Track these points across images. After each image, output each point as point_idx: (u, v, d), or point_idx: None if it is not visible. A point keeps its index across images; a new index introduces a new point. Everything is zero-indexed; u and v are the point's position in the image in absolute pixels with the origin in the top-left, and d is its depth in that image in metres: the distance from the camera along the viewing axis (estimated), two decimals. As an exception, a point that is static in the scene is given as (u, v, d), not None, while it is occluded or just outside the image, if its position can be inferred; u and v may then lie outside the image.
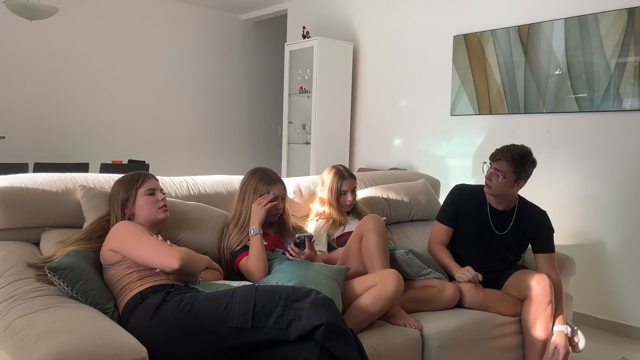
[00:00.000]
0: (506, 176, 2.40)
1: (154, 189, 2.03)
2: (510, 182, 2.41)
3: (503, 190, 2.44)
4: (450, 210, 2.60)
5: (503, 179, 2.40)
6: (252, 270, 2.07)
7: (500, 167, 2.40)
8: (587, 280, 3.53)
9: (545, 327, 2.33)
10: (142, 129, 6.14)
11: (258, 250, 2.10)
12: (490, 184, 2.44)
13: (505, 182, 2.41)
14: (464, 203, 2.57)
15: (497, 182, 2.42)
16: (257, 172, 2.32)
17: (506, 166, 2.39)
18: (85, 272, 1.78)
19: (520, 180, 2.42)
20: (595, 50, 3.51)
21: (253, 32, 7.00)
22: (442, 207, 2.68)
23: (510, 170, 2.39)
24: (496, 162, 2.43)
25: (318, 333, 1.54)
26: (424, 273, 2.37)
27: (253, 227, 2.15)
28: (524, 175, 2.42)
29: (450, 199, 2.63)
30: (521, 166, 2.39)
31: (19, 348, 1.43)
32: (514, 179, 2.41)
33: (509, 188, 2.43)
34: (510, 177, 2.40)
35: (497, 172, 2.41)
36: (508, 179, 2.40)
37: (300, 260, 2.08)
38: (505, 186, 2.42)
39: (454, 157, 4.43)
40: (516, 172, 2.39)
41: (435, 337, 2.11)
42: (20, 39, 5.34)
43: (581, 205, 3.64)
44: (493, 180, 2.43)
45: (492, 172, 2.43)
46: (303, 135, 5.37)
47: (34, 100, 5.45)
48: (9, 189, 1.98)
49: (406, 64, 4.79)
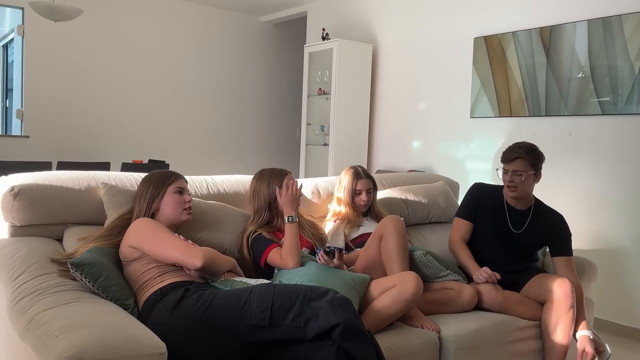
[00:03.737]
0: (526, 172, 2.42)
1: (183, 188, 2.05)
2: (531, 178, 2.44)
3: (528, 188, 2.47)
4: (471, 205, 2.61)
5: (525, 176, 2.42)
6: (288, 257, 2.09)
7: (518, 166, 2.42)
8: (609, 286, 3.47)
9: (566, 332, 2.29)
10: (162, 129, 6.21)
11: (294, 237, 2.14)
12: (516, 185, 2.44)
13: (527, 178, 2.43)
14: (483, 200, 2.59)
15: (521, 181, 2.43)
16: (264, 172, 2.38)
17: (524, 163, 2.41)
18: (106, 268, 1.80)
19: (538, 172, 2.46)
20: (619, 53, 3.45)
21: (273, 34, 7.03)
22: (462, 203, 2.68)
23: (528, 165, 2.41)
24: (511, 162, 2.43)
25: (335, 333, 1.54)
26: (442, 275, 2.36)
27: (291, 215, 2.19)
28: (540, 167, 2.45)
29: (470, 194, 2.65)
30: (536, 157, 2.43)
31: (41, 341, 1.45)
32: (533, 173, 2.44)
33: (532, 184, 2.46)
34: (530, 171, 2.42)
35: (516, 173, 2.41)
36: (529, 174, 2.42)
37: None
38: (529, 183, 2.45)
39: (474, 160, 4.39)
40: (534, 165, 2.42)
41: (453, 340, 2.10)
42: (45, 41, 5.44)
43: (603, 209, 3.58)
44: (516, 180, 2.42)
45: (512, 174, 2.42)
46: (321, 136, 5.37)
47: (57, 101, 5.55)
48: (33, 186, 2.02)
49: (426, 66, 4.76)
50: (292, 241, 2.13)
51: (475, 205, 2.59)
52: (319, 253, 2.09)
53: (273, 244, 2.18)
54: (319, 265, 2.08)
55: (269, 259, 2.16)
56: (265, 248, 2.17)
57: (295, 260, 2.08)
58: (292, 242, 2.13)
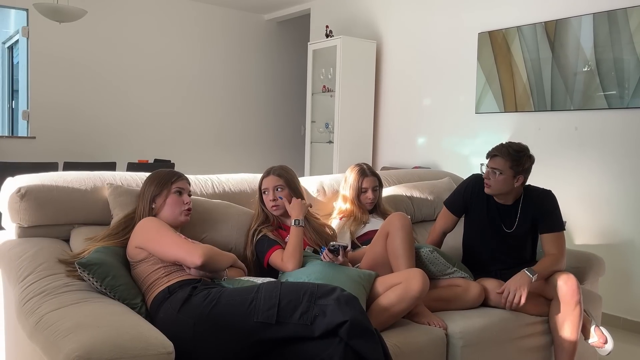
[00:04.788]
0: (503, 172, 2.35)
1: (183, 189, 2.05)
2: (509, 179, 2.37)
3: (503, 188, 2.39)
4: (460, 200, 2.58)
5: (501, 176, 2.36)
6: (289, 259, 2.10)
7: (497, 164, 2.37)
8: (617, 281, 3.45)
9: (574, 328, 2.28)
10: (167, 129, 6.23)
11: (298, 241, 2.14)
12: (490, 183, 2.40)
13: (504, 178, 2.36)
14: (476, 195, 2.53)
15: (495, 179, 2.37)
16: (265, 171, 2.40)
17: (502, 162, 2.35)
18: (113, 268, 1.81)
19: (519, 175, 2.37)
20: (625, 46, 3.43)
21: (276, 32, 7.03)
22: (453, 193, 2.65)
23: (507, 166, 2.35)
24: (492, 159, 2.40)
25: (342, 330, 1.54)
26: (448, 272, 2.35)
27: (297, 219, 2.19)
28: (521, 170, 2.37)
29: (463, 188, 2.59)
30: (517, 160, 2.34)
31: (49, 341, 1.46)
32: (512, 174, 2.36)
33: (508, 185, 2.38)
34: (508, 173, 2.35)
35: (493, 170, 2.37)
36: (506, 175, 2.36)
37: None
38: (505, 183, 2.38)
39: (479, 156, 4.36)
40: (513, 167, 2.35)
41: (460, 337, 2.09)
42: (50, 42, 5.46)
43: (610, 204, 3.56)
44: (491, 178, 2.39)
45: (490, 171, 2.39)
46: (326, 134, 5.37)
47: (63, 102, 5.58)
48: (40, 187, 2.03)
49: (430, 62, 4.75)
50: (295, 245, 2.14)
51: (465, 201, 2.55)
52: (324, 251, 2.09)
53: (276, 246, 2.19)
54: (325, 262, 2.08)
55: (270, 260, 2.17)
56: (269, 249, 2.18)
57: (295, 264, 2.09)
58: (294, 246, 2.13)
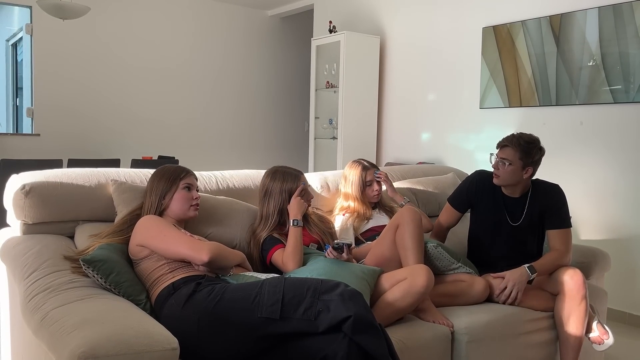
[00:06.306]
0: (512, 163, 2.35)
1: (192, 185, 2.05)
2: (518, 170, 2.36)
3: (511, 179, 2.39)
4: (464, 197, 2.58)
5: (510, 167, 2.36)
6: (288, 260, 2.10)
7: (506, 155, 2.36)
8: (622, 276, 3.44)
9: (580, 324, 2.27)
10: (171, 126, 6.23)
11: (297, 241, 2.14)
12: (498, 173, 2.40)
13: (513, 169, 2.36)
14: (481, 190, 2.52)
15: (504, 170, 2.37)
16: (278, 173, 2.33)
17: (512, 153, 2.35)
18: (118, 264, 1.81)
19: (528, 166, 2.37)
20: (630, 40, 3.40)
21: (280, 28, 7.02)
22: (457, 190, 2.65)
23: (516, 157, 2.34)
24: (502, 149, 2.39)
25: (346, 325, 1.54)
26: (453, 267, 2.35)
27: (296, 219, 2.19)
28: (531, 162, 2.36)
29: (466, 185, 2.60)
30: (527, 151, 2.34)
31: (55, 338, 1.47)
32: (521, 165, 2.36)
33: (516, 176, 2.38)
34: (517, 164, 2.35)
35: (502, 160, 2.37)
36: (515, 166, 2.35)
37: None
38: (513, 174, 2.37)
39: (484, 151, 4.35)
40: (523, 159, 2.34)
41: (465, 332, 2.09)
42: (53, 39, 5.47)
43: (615, 199, 3.54)
44: (500, 169, 2.39)
45: (499, 161, 2.39)
46: (330, 130, 5.36)
47: (67, 99, 5.59)
48: (44, 184, 2.03)
49: (434, 57, 4.73)
50: (294, 245, 2.13)
51: (469, 198, 2.55)
52: (327, 249, 2.09)
53: (279, 244, 2.19)
54: (329, 259, 2.08)
55: (273, 259, 2.17)
56: (272, 247, 2.19)
57: (295, 264, 2.10)
58: (294, 246, 2.13)
